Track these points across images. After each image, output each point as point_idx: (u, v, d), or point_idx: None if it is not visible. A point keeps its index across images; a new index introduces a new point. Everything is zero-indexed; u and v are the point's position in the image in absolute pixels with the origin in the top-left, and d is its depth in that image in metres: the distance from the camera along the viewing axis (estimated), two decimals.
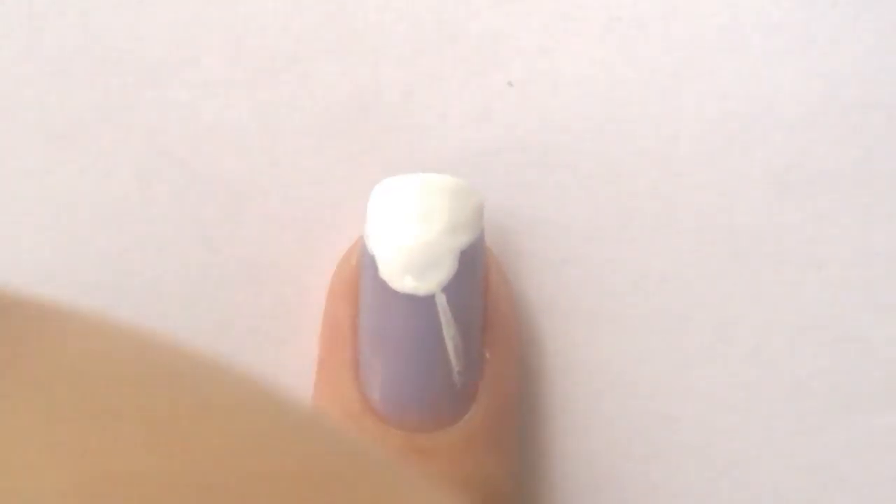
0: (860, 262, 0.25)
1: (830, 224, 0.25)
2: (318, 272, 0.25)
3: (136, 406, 0.12)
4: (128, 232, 0.25)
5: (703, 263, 0.25)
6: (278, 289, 0.25)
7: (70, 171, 0.25)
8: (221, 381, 0.13)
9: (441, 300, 0.22)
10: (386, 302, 0.22)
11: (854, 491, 0.25)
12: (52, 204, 0.25)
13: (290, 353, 0.25)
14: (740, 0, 0.25)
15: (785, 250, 0.25)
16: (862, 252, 0.25)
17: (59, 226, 0.25)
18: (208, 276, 0.25)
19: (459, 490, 0.23)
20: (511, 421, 0.24)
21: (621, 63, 0.25)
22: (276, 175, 0.25)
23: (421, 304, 0.22)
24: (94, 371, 0.12)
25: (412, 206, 0.22)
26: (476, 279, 0.23)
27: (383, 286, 0.22)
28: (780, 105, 0.25)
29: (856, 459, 0.25)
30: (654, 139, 0.25)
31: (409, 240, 0.22)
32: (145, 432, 0.11)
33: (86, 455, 0.11)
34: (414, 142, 0.25)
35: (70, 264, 0.25)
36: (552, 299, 0.25)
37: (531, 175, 0.25)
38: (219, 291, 0.25)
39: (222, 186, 0.25)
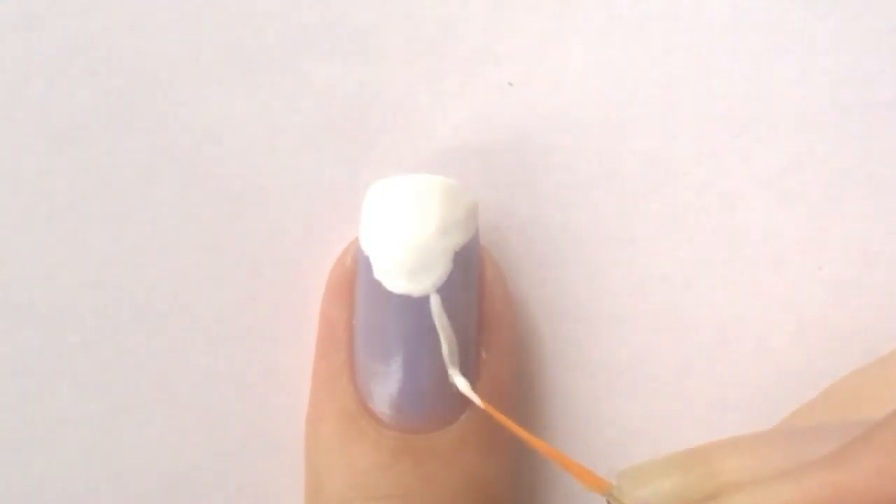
0: (860, 262, 0.25)
1: (830, 224, 0.25)
2: (315, 272, 0.25)
3: None
4: (127, 232, 0.25)
5: (703, 263, 0.25)
6: (275, 289, 0.25)
7: (70, 171, 0.25)
8: None
9: (435, 301, 0.22)
10: (380, 303, 0.22)
11: None
12: (52, 204, 0.25)
13: (287, 354, 0.25)
14: (740, 0, 0.25)
15: (785, 250, 0.25)
16: (862, 252, 0.25)
17: (60, 226, 0.25)
18: (206, 276, 0.25)
19: (455, 491, 0.23)
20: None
21: (621, 63, 0.25)
22: (274, 175, 0.25)
23: (415, 305, 0.22)
24: None
25: (406, 207, 0.22)
26: (470, 279, 0.23)
27: (378, 287, 0.22)
28: (780, 105, 0.25)
29: None
30: (654, 139, 0.25)
31: (402, 241, 0.22)
32: None
33: None
34: (413, 142, 0.25)
35: (70, 264, 0.25)
36: (551, 299, 0.25)
37: (531, 175, 0.25)
38: (216, 292, 0.25)
39: (219, 187, 0.25)
